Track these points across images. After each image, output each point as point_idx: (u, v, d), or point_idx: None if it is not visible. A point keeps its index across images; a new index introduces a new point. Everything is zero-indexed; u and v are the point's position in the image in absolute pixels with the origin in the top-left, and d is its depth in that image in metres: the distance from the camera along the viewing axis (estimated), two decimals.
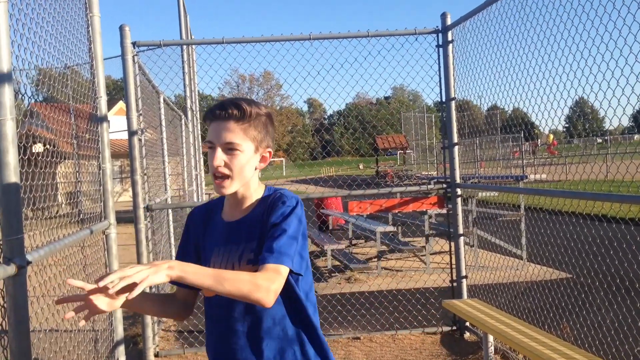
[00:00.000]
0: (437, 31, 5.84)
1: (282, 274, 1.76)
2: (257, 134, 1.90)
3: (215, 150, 1.85)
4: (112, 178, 4.27)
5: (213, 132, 1.87)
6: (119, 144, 25.32)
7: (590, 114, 23.64)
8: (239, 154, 1.87)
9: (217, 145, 1.86)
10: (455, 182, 5.83)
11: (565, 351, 3.67)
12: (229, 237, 1.95)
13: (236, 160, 1.87)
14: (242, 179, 1.90)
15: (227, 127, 1.85)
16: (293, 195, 1.93)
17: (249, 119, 1.88)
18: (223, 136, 1.85)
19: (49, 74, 3.20)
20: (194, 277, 1.64)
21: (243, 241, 1.92)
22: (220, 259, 1.94)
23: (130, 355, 5.29)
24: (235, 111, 1.86)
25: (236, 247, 1.92)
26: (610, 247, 6.03)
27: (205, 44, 5.83)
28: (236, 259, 1.91)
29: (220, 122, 1.86)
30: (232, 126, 1.86)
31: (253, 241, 1.90)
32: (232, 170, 1.87)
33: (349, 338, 5.86)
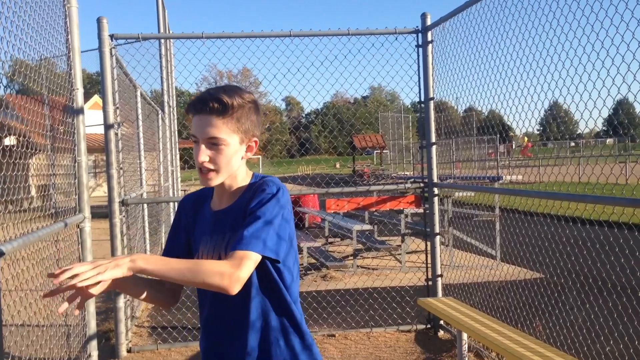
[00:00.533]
0: (417, 31, 5.87)
1: (251, 260, 1.73)
2: (241, 125, 1.86)
3: (200, 146, 1.82)
4: (87, 171, 4.21)
5: (196, 127, 1.83)
6: (93, 139, 25.02)
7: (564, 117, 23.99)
8: (223, 148, 1.84)
9: (201, 141, 1.82)
10: (432, 182, 5.86)
11: (538, 349, 3.72)
12: (215, 227, 1.93)
13: (221, 155, 1.84)
14: (228, 171, 1.88)
15: (210, 121, 1.81)
16: (276, 183, 1.90)
17: (231, 111, 1.83)
18: (206, 131, 1.81)
19: (24, 65, 3.15)
20: (156, 268, 1.64)
21: (228, 230, 1.89)
22: (207, 249, 1.93)
23: (102, 351, 5.23)
24: (217, 105, 1.81)
25: (222, 237, 1.90)
26: (583, 247, 6.12)
27: (184, 39, 5.78)
28: (222, 249, 1.89)
29: (202, 117, 1.82)
30: (214, 121, 1.81)
31: (238, 230, 1.85)
32: (218, 165, 1.85)
33: (324, 335, 5.86)
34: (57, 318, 3.54)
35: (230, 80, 37.88)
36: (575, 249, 5.55)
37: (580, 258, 5.77)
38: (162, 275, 1.65)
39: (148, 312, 7.03)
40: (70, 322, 3.85)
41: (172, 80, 12.94)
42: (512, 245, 8.58)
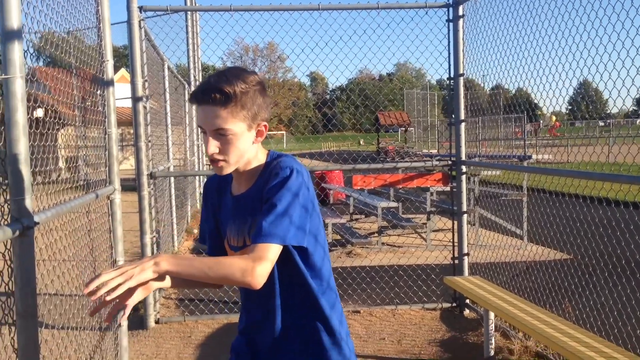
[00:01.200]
0: (447, 5, 5.75)
1: (271, 252, 1.69)
2: (248, 112, 1.78)
3: (207, 137, 1.78)
4: (117, 144, 4.23)
5: (200, 118, 1.78)
6: (120, 112, 25.18)
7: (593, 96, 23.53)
8: (232, 138, 1.77)
9: (208, 132, 1.77)
10: (460, 160, 5.79)
11: (567, 330, 3.67)
12: (236, 212, 1.91)
13: (230, 145, 1.78)
14: (239, 159, 1.83)
15: (214, 112, 1.74)
16: (288, 165, 1.80)
17: (234, 100, 1.74)
18: (211, 123, 1.75)
19: (56, 36, 3.14)
20: (179, 269, 1.61)
21: (249, 215, 1.86)
22: (233, 234, 1.92)
23: (131, 321, 5.31)
24: (219, 96, 1.73)
25: (243, 222, 1.88)
26: (613, 229, 6.02)
27: (213, 11, 5.75)
28: (246, 234, 1.87)
29: (206, 107, 1.75)
30: (218, 111, 1.74)
31: (257, 216, 1.81)
32: (228, 155, 1.79)
33: (348, 311, 5.87)
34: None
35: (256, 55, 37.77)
36: (607, 229, 5.46)
37: (613, 239, 5.68)
38: (186, 275, 1.62)
39: None
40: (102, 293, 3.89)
41: (198, 54, 12.93)
42: (540, 225, 8.48)
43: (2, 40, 2.11)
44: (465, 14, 5.72)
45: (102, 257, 3.97)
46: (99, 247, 3.90)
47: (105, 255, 4.07)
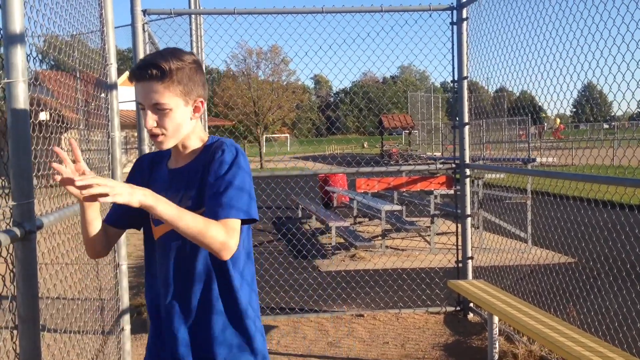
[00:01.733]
0: (451, 8, 5.74)
1: (238, 227, 1.77)
2: (184, 88, 1.87)
3: (146, 112, 1.85)
4: (120, 147, 4.23)
5: (139, 94, 1.85)
6: (124, 115, 25.25)
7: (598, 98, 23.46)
8: (169, 112, 1.85)
9: (147, 107, 1.84)
10: (464, 162, 5.77)
11: (572, 335, 3.65)
12: (171, 185, 1.96)
13: (167, 119, 1.86)
14: (177, 134, 1.90)
15: (151, 88, 1.83)
16: (235, 145, 1.91)
17: (170, 76, 1.83)
18: (149, 98, 1.83)
19: (59, 39, 3.14)
20: (165, 211, 1.65)
21: (183, 189, 1.93)
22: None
23: (135, 324, 5.30)
24: (155, 71, 1.81)
25: (176, 194, 1.92)
26: (618, 232, 5.99)
27: (216, 14, 5.75)
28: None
29: (144, 84, 1.83)
30: (155, 86, 1.83)
31: (192, 189, 1.91)
32: (166, 128, 1.86)
33: (352, 315, 5.86)
34: (91, 292, 3.58)
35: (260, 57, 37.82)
36: (612, 233, 5.43)
37: (617, 243, 5.64)
38: (167, 220, 1.66)
39: None
40: (104, 296, 3.89)
41: (202, 57, 12.94)
42: (544, 229, 8.46)
43: (5, 44, 2.11)
44: (469, 16, 5.71)
45: (104, 261, 3.96)
46: None
47: (108, 259, 4.07)
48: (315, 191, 14.36)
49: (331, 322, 5.71)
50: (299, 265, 8.04)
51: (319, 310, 6.03)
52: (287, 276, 6.80)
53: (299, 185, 9.29)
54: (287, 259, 8.49)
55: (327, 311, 5.98)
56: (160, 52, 1.88)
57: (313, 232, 11.02)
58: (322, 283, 6.82)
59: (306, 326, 5.59)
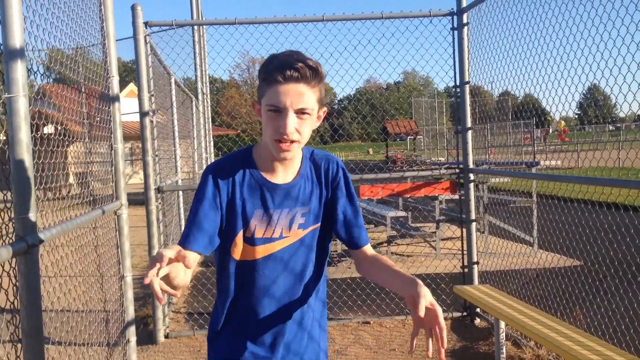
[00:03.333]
0: (452, 13, 5.75)
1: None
2: (321, 94, 1.77)
3: (287, 115, 1.69)
4: (123, 159, 4.25)
5: (283, 96, 1.68)
6: (129, 126, 25.34)
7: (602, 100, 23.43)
8: (308, 118, 1.74)
9: (290, 110, 1.69)
10: (468, 167, 5.77)
11: (578, 338, 3.63)
12: (284, 201, 1.85)
13: (306, 125, 1.74)
14: (305, 143, 1.80)
15: (300, 90, 1.69)
16: (341, 162, 1.96)
17: (319, 78, 1.73)
18: (297, 101, 1.69)
19: (61, 53, 3.17)
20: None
21: (295, 205, 1.86)
22: (268, 223, 1.85)
23: (140, 336, 5.31)
24: (309, 72, 1.69)
25: (288, 211, 1.85)
26: (623, 235, 5.96)
27: (217, 25, 5.77)
28: (289, 223, 1.86)
29: (292, 85, 1.68)
30: (304, 89, 1.70)
31: (307, 205, 1.87)
32: (302, 135, 1.74)
33: (358, 322, 5.85)
34: (96, 304, 3.59)
35: None
36: (617, 235, 5.41)
37: (623, 245, 5.62)
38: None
39: (184, 298, 7.11)
40: (109, 308, 3.90)
41: (205, 67, 12.99)
42: (550, 232, 8.42)
43: (5, 60, 2.13)
44: (469, 21, 5.71)
45: (109, 273, 3.97)
46: (106, 263, 3.90)
47: (113, 271, 4.07)
48: None
49: (337, 329, 5.69)
50: None
51: None
52: None
53: None
54: None
55: (333, 319, 5.96)
56: (301, 54, 1.74)
57: None
58: (327, 291, 6.80)
59: None
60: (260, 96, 1.77)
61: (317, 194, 1.91)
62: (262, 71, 1.73)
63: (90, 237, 3.52)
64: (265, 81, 1.71)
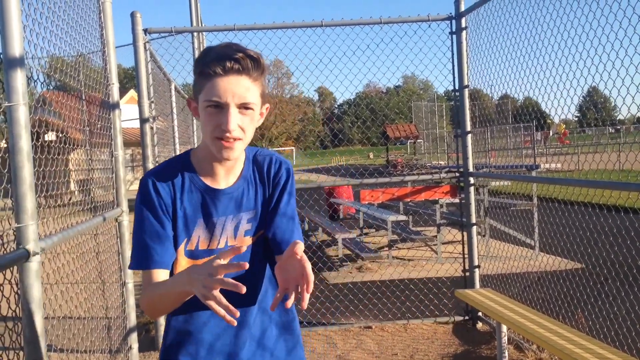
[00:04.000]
0: (450, 18, 5.76)
1: None
2: (264, 88, 1.64)
3: (229, 110, 1.56)
4: (124, 165, 4.26)
5: (223, 89, 1.55)
6: (130, 133, 25.39)
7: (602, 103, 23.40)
8: (251, 114, 1.61)
9: (232, 105, 1.56)
10: (468, 171, 5.77)
11: (581, 342, 3.63)
12: (220, 207, 1.71)
13: (250, 122, 1.61)
14: (248, 141, 1.66)
15: (242, 83, 1.56)
16: (289, 164, 1.80)
17: (262, 71, 1.61)
18: (239, 95, 1.56)
19: (60, 61, 3.18)
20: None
21: (242, 209, 1.73)
22: (212, 232, 1.71)
23: (142, 343, 5.30)
24: (251, 63, 1.57)
25: (235, 217, 1.72)
26: (624, 237, 5.96)
27: (217, 31, 5.79)
28: (234, 231, 1.72)
29: (233, 77, 1.55)
30: (246, 82, 1.57)
31: (250, 210, 1.74)
32: (246, 133, 1.61)
33: (360, 327, 5.84)
34: (97, 311, 3.59)
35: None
36: (618, 238, 5.42)
37: (623, 248, 5.62)
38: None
39: None
40: (111, 315, 3.90)
41: None
42: (551, 235, 8.42)
43: (5, 68, 2.14)
44: (468, 25, 5.72)
45: (111, 280, 3.98)
46: (107, 270, 3.91)
47: (114, 278, 4.08)
48: (320, 203, 14.36)
49: (339, 334, 5.69)
50: None
51: (327, 323, 6.02)
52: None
53: (304, 198, 9.30)
54: None
55: (335, 323, 5.96)
56: (239, 46, 1.61)
57: (320, 245, 11.01)
58: (329, 296, 6.80)
59: (314, 339, 5.58)
60: (196, 92, 1.63)
61: (262, 196, 1.77)
62: (199, 64, 1.59)
63: (91, 244, 3.52)
64: (202, 75, 1.58)
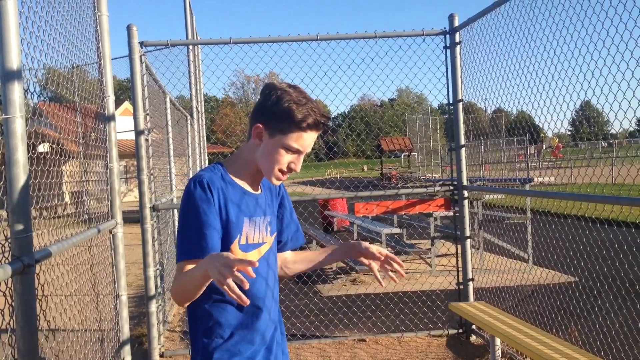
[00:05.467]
0: (444, 32, 5.81)
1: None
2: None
3: (300, 158, 1.96)
4: (119, 177, 4.26)
5: (306, 143, 1.94)
6: (124, 145, 25.34)
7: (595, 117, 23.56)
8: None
9: (302, 153, 1.95)
10: (462, 184, 5.80)
11: (574, 355, 3.64)
12: (256, 209, 2.03)
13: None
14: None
15: (315, 138, 1.98)
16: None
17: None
18: (310, 147, 1.97)
19: (57, 73, 3.19)
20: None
21: (270, 214, 2.10)
22: (256, 231, 2.02)
23: (135, 355, 5.28)
24: (328, 124, 2.01)
25: (264, 219, 2.06)
26: (617, 250, 5.99)
27: (212, 44, 5.82)
28: (265, 230, 2.06)
29: (314, 134, 1.95)
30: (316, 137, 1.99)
31: (272, 214, 2.11)
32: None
33: (354, 340, 5.83)
34: (91, 323, 3.58)
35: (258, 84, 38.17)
36: (610, 252, 5.44)
37: (616, 262, 5.64)
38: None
39: (180, 316, 7.08)
40: (104, 327, 3.89)
41: (200, 86, 13.04)
42: (545, 248, 8.45)
43: (2, 81, 2.15)
44: (462, 40, 5.78)
45: (105, 292, 3.97)
46: (101, 282, 3.90)
47: (108, 290, 4.07)
48: (314, 216, 14.36)
49: (333, 347, 5.68)
50: (300, 290, 8.02)
51: (321, 335, 6.01)
52: (288, 302, 6.78)
53: (298, 210, 9.29)
54: (287, 284, 8.47)
55: (329, 336, 5.95)
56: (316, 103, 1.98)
57: None
58: (323, 308, 6.79)
59: (308, 352, 5.57)
60: (276, 128, 1.93)
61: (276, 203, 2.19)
62: (291, 111, 1.89)
63: (85, 256, 3.52)
64: (293, 123, 1.90)
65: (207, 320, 1.95)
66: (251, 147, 1.99)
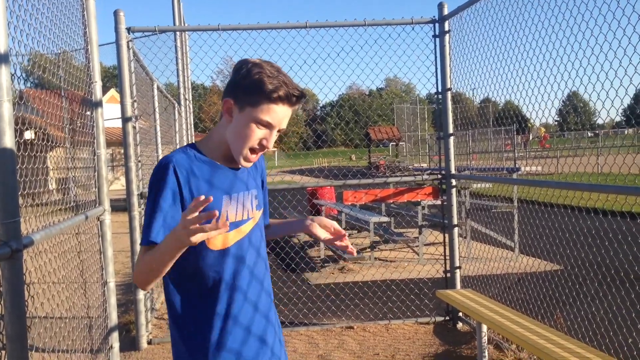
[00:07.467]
0: (434, 21, 5.81)
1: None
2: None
3: (272, 133, 1.84)
4: (106, 164, 4.23)
5: (278, 117, 1.82)
6: (110, 132, 25.18)
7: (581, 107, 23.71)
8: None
9: (276, 129, 1.85)
10: (450, 173, 5.82)
11: (559, 341, 3.68)
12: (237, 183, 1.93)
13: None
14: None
15: (289, 113, 1.86)
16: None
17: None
18: (284, 122, 1.86)
19: (44, 58, 3.16)
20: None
21: (252, 187, 2.00)
22: (235, 207, 1.89)
23: (123, 343, 5.28)
24: (302, 99, 1.87)
25: (248, 193, 1.96)
26: (602, 238, 6.06)
27: (201, 31, 5.78)
28: (251, 205, 1.97)
29: (289, 108, 1.84)
30: (290, 113, 1.87)
31: (254, 189, 2.01)
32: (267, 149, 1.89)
33: (342, 327, 5.86)
34: (79, 310, 3.57)
35: None
36: (596, 239, 5.51)
37: (601, 249, 5.71)
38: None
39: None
40: (92, 314, 3.88)
41: (188, 73, 12.96)
42: (531, 237, 8.52)
43: None
44: (451, 29, 5.78)
45: (92, 279, 3.95)
46: (89, 269, 3.89)
47: (96, 277, 4.06)
48: (303, 204, 14.37)
49: (321, 334, 5.71)
50: (288, 278, 8.03)
51: (309, 323, 6.03)
52: (276, 290, 6.79)
53: (286, 198, 9.31)
54: (276, 272, 8.49)
55: (317, 324, 5.98)
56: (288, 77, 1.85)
57: (302, 246, 11.03)
58: (311, 296, 6.82)
59: (296, 339, 5.59)
60: (246, 101, 1.81)
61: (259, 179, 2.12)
62: (262, 82, 1.78)
63: (73, 243, 3.50)
64: (263, 94, 1.78)
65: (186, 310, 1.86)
66: (223, 125, 1.89)
